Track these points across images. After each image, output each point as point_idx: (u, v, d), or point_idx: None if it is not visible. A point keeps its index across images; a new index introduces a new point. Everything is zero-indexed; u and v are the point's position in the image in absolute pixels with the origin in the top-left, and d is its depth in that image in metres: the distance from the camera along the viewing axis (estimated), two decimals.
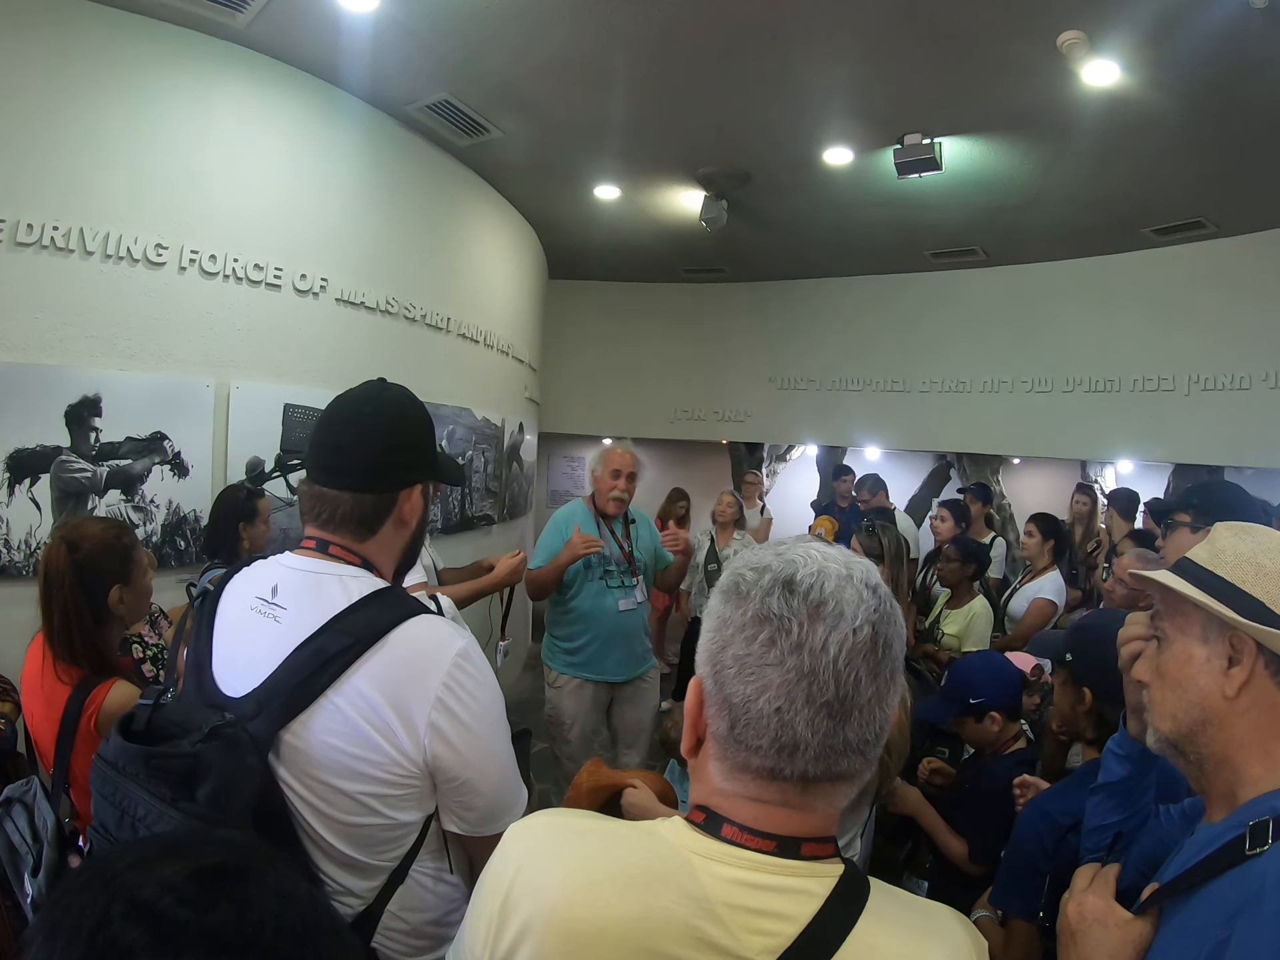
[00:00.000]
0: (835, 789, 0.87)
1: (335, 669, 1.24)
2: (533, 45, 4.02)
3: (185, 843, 0.74)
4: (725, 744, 0.87)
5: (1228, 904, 0.95)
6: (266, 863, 0.71)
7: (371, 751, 1.25)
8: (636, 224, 6.96)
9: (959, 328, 7.77)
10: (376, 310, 4.80)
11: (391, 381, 1.53)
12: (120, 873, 0.65)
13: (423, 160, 5.27)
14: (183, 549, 3.75)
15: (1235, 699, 1.07)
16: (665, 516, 7.32)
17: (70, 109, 3.39)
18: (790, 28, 3.74)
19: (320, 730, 1.24)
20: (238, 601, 1.40)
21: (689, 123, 4.91)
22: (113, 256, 3.48)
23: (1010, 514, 8.68)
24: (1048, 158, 5.04)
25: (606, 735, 4.22)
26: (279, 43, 4.04)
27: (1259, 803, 1.03)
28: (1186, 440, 6.51)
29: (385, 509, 1.42)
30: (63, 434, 3.33)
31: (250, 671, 1.29)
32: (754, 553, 0.92)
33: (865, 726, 0.83)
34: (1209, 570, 1.15)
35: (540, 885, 0.85)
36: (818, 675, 0.81)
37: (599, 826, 0.93)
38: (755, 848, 0.85)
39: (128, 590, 2.19)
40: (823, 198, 6.02)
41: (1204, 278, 6.31)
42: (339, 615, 1.29)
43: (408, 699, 1.26)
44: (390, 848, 1.33)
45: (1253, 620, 1.06)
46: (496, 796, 1.38)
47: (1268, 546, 1.12)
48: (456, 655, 1.31)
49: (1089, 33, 3.58)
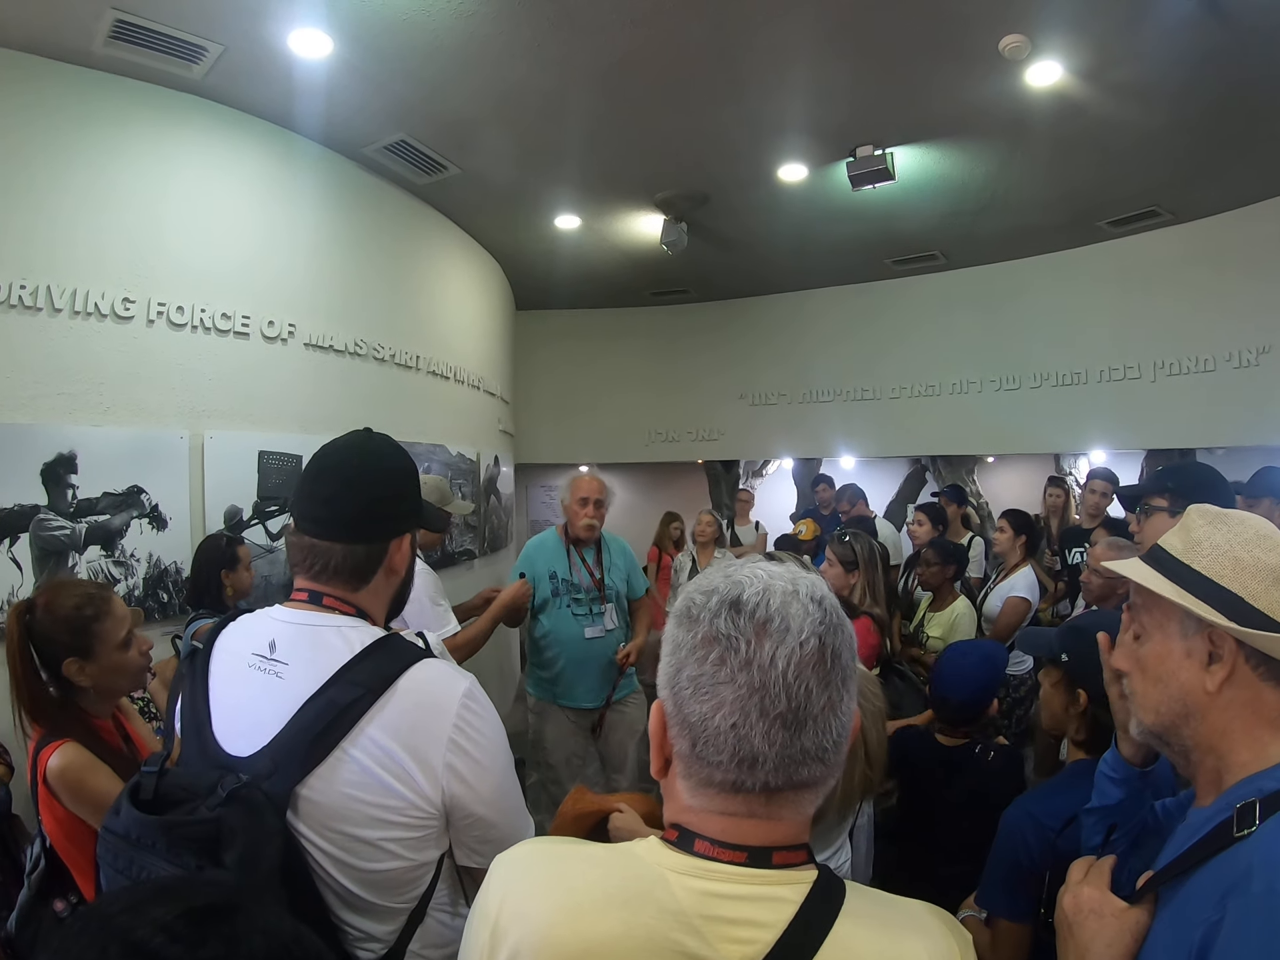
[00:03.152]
0: (800, 797, 0.89)
1: (348, 720, 1.25)
2: (486, 82, 4.08)
3: (176, 886, 0.77)
4: (689, 762, 0.90)
5: (1219, 886, 0.97)
6: (255, 901, 0.73)
7: (391, 798, 1.25)
8: (599, 251, 7.01)
9: (924, 332, 7.86)
10: (346, 353, 4.80)
11: (376, 431, 1.54)
12: (114, 916, 0.68)
13: (384, 201, 5.30)
14: (166, 601, 3.72)
15: (1218, 695, 1.08)
16: (661, 541, 7.24)
17: (30, 166, 3.39)
18: (736, 50, 3.82)
19: (339, 783, 1.23)
20: (233, 658, 1.38)
21: (644, 149, 4.98)
22: (81, 312, 3.47)
23: (988, 512, 8.74)
24: (1000, 160, 5.13)
25: (598, 761, 4.22)
26: (235, 92, 4.07)
27: (1245, 785, 1.05)
28: (1157, 426, 6.61)
29: (377, 558, 1.43)
30: (40, 492, 3.30)
31: (256, 730, 1.27)
32: (705, 575, 0.96)
33: (821, 735, 0.86)
34: (1185, 564, 1.15)
35: (525, 911, 0.88)
36: (769, 689, 0.84)
37: (578, 851, 0.96)
38: (728, 860, 0.87)
39: (89, 664, 2.09)
40: (781, 214, 6.10)
41: (1162, 265, 6.43)
42: (346, 666, 1.29)
43: (423, 743, 1.27)
44: (410, 889, 1.33)
45: (1232, 618, 1.06)
46: (510, 827, 1.39)
47: (1245, 537, 1.12)
48: (464, 696, 1.33)
49: (1030, 35, 3.67)
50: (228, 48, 3.64)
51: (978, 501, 8.70)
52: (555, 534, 4.13)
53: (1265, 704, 1.07)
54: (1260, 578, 1.08)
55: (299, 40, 3.61)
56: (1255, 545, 1.11)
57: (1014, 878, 1.74)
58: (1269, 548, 1.10)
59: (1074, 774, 1.85)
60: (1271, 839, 0.96)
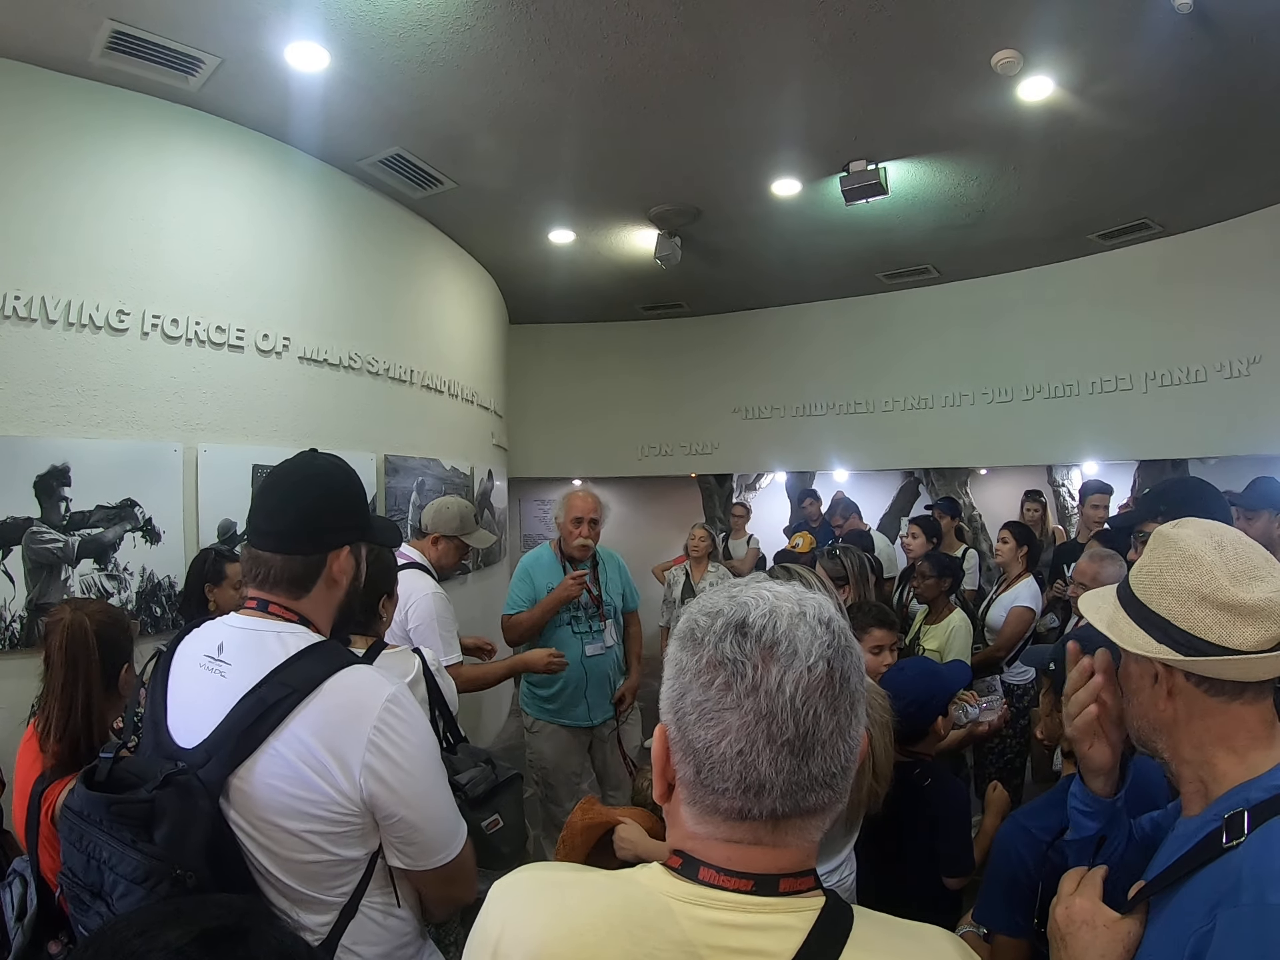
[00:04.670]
0: (807, 824, 0.87)
1: (275, 717, 1.34)
2: (482, 97, 4.09)
3: (186, 909, 0.76)
4: (693, 788, 0.88)
5: (1209, 896, 0.97)
6: (266, 922, 0.74)
7: (312, 793, 1.34)
8: (593, 265, 7.03)
9: (917, 345, 7.89)
10: (340, 366, 4.80)
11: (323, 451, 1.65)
12: (128, 940, 0.68)
13: (378, 214, 5.31)
14: (159, 615, 3.69)
15: (1174, 711, 1.12)
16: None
17: (25, 177, 3.39)
18: (730, 66, 3.84)
19: (264, 774, 1.33)
20: (189, 660, 1.49)
21: (638, 164, 5.00)
22: (75, 324, 3.46)
23: (982, 524, 8.77)
24: (992, 174, 5.17)
25: (594, 778, 4.19)
26: (232, 105, 4.07)
27: (1233, 794, 1.05)
28: (1148, 437, 6.63)
29: (315, 569, 1.52)
30: (33, 505, 3.28)
31: (201, 724, 1.38)
32: (708, 596, 0.93)
33: (829, 760, 0.84)
34: (1129, 588, 1.21)
35: (526, 938, 0.86)
36: (776, 715, 0.82)
37: (580, 878, 0.94)
38: (733, 888, 0.85)
39: (129, 670, 2.15)
40: (774, 228, 6.13)
41: (1153, 277, 6.48)
42: (278, 668, 1.39)
43: (343, 743, 1.36)
44: (339, 883, 1.41)
45: (1162, 640, 1.11)
46: (435, 832, 1.47)
47: (1171, 561, 1.14)
48: (387, 700, 1.40)
49: (1023, 51, 3.71)
50: (224, 60, 3.65)
51: (971, 514, 8.72)
52: (550, 550, 4.10)
53: (1226, 716, 1.09)
54: (1182, 599, 1.11)
55: (296, 53, 3.62)
56: (1180, 568, 1.12)
57: (1011, 893, 1.72)
58: (1192, 568, 1.11)
59: (1066, 788, 1.84)
60: (1260, 850, 0.96)
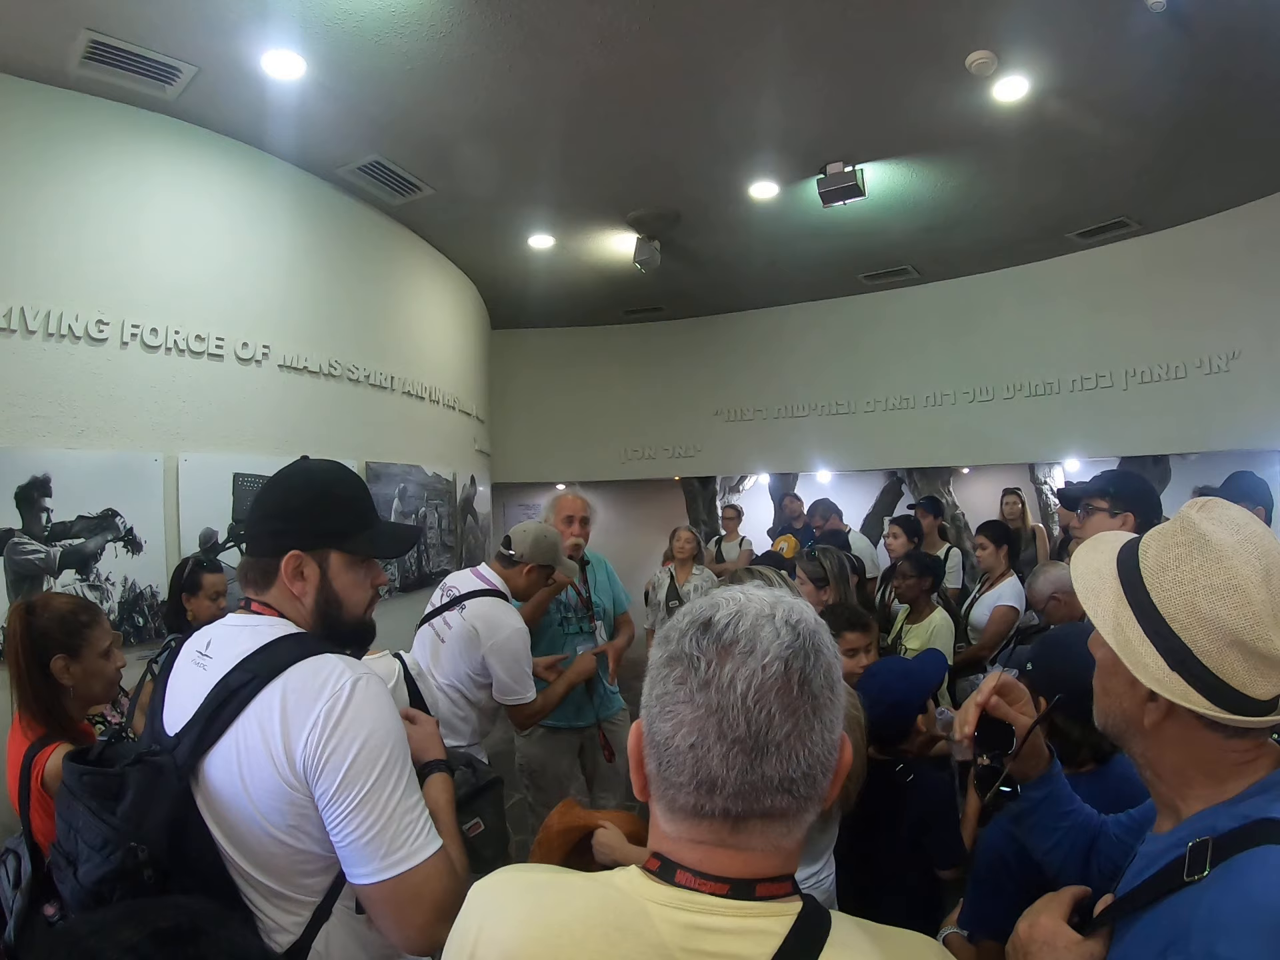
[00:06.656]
0: (769, 827, 0.86)
1: (239, 702, 1.37)
2: (459, 104, 4.11)
3: (141, 909, 0.80)
4: (656, 783, 0.89)
5: (1164, 936, 0.96)
6: (218, 924, 0.77)
7: (263, 774, 1.34)
8: (573, 270, 7.05)
9: (897, 346, 7.94)
10: (320, 374, 4.80)
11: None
12: (83, 939, 0.72)
13: (357, 221, 5.31)
14: (141, 625, 3.68)
15: (1160, 731, 1.06)
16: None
17: (3, 187, 3.37)
18: (706, 68, 3.87)
19: (223, 758, 1.36)
20: (185, 657, 1.54)
21: (616, 168, 5.02)
22: (54, 334, 3.45)
23: (965, 523, 8.80)
24: (969, 174, 5.21)
25: (582, 780, 4.19)
26: (209, 113, 4.07)
27: (1201, 819, 1.03)
28: (1129, 433, 6.68)
29: (270, 572, 1.52)
30: (14, 516, 3.27)
31: (183, 714, 1.42)
32: (696, 599, 0.95)
33: (786, 764, 0.83)
34: (1146, 589, 1.06)
35: (501, 938, 0.86)
36: (727, 711, 0.82)
37: (557, 879, 0.94)
38: (709, 891, 0.85)
39: (74, 663, 2.27)
40: (753, 231, 6.16)
41: (1131, 275, 6.54)
42: (246, 657, 1.42)
43: (292, 723, 1.35)
44: (306, 880, 1.40)
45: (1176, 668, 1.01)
46: (376, 835, 1.33)
47: (1213, 583, 0.99)
48: (347, 685, 1.38)
49: (997, 51, 3.75)
50: (201, 69, 3.65)
51: (954, 513, 8.76)
52: None
53: (1217, 748, 1.03)
54: (1215, 637, 0.99)
55: (272, 62, 3.63)
56: (1221, 597, 0.99)
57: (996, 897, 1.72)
58: (1236, 603, 0.98)
59: None
60: (1216, 895, 0.94)
